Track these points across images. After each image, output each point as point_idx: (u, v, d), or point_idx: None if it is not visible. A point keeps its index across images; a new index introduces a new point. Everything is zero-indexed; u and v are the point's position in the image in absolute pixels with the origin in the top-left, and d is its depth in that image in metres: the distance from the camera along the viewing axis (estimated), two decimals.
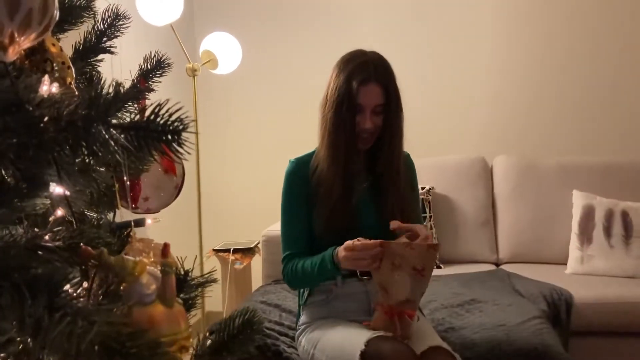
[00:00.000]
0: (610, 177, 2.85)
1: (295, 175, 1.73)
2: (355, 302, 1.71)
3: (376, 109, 1.63)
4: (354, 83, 1.60)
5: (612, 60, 3.20)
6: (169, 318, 0.58)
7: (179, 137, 0.47)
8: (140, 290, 0.57)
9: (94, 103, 0.48)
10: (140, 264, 0.58)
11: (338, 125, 1.64)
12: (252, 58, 3.27)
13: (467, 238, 2.93)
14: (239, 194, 3.50)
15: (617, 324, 2.27)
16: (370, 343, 1.45)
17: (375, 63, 1.64)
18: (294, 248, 1.72)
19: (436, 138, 3.29)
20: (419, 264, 1.47)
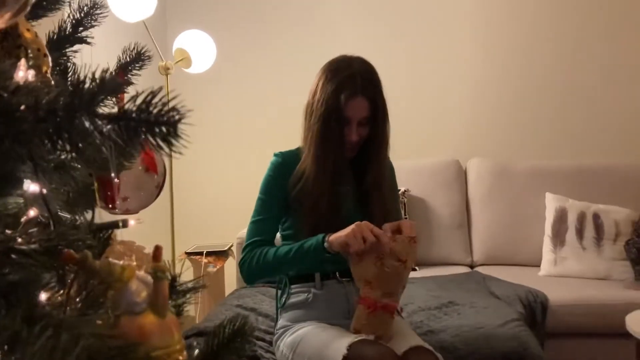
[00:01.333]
0: (582, 180, 2.89)
1: (280, 168, 1.72)
2: (334, 304, 1.67)
3: (362, 120, 1.63)
4: (342, 97, 1.59)
5: (586, 66, 3.24)
6: (162, 328, 0.52)
7: (175, 129, 0.43)
8: (129, 298, 0.51)
9: (77, 91, 0.43)
10: (129, 269, 0.52)
11: (326, 138, 1.63)
12: (227, 57, 3.21)
13: (441, 240, 2.94)
14: (211, 196, 3.44)
15: (591, 325, 2.29)
16: (353, 347, 1.43)
17: (362, 75, 1.63)
18: (263, 235, 1.68)
19: (412, 141, 3.28)
20: (403, 256, 1.50)
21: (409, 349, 1.47)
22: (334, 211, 1.64)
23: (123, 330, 0.50)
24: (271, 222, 1.71)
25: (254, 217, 1.71)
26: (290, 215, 1.73)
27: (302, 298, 1.70)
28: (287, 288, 1.73)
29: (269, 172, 1.73)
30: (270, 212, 1.70)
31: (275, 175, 1.72)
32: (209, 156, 3.46)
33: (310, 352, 1.55)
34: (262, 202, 1.71)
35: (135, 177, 0.77)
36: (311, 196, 1.65)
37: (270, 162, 1.75)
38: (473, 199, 3.03)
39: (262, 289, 2.35)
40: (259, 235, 1.68)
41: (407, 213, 2.88)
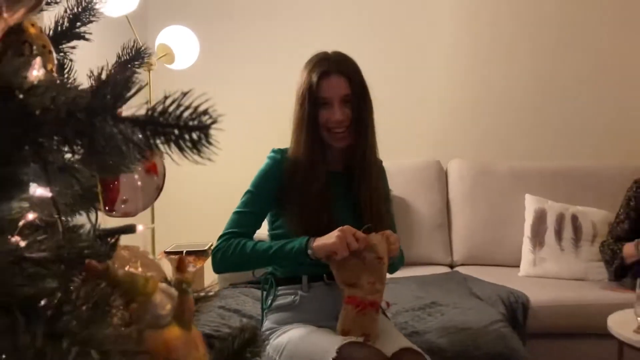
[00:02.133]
0: (561, 182, 2.93)
1: (277, 165, 1.69)
2: (322, 306, 1.66)
3: (345, 98, 1.62)
4: (313, 76, 1.60)
5: (565, 70, 3.29)
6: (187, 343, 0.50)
7: (207, 135, 0.41)
8: (153, 311, 0.49)
9: (99, 92, 0.41)
10: (152, 281, 0.50)
11: (302, 120, 1.63)
12: (210, 53, 3.16)
13: (422, 240, 2.95)
14: (192, 195, 3.39)
15: (570, 325, 2.32)
16: (342, 350, 1.42)
17: (335, 57, 1.65)
18: (244, 228, 1.65)
19: (393, 141, 3.26)
20: (380, 253, 1.54)
21: (399, 350, 1.48)
22: (322, 211, 1.63)
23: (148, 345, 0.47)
24: (254, 217, 1.68)
25: (238, 208, 1.68)
26: (282, 215, 1.70)
27: (288, 300, 1.69)
28: (273, 289, 1.71)
29: (264, 167, 1.71)
30: (256, 207, 1.68)
31: (270, 171, 1.70)
32: None
33: (298, 355, 1.53)
34: (250, 195, 1.69)
35: (135, 179, 0.75)
36: (299, 195, 1.64)
37: (267, 157, 1.73)
38: (454, 200, 3.05)
39: (244, 289, 2.32)
40: (239, 227, 1.65)
41: None
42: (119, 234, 0.62)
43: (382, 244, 1.55)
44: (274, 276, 1.72)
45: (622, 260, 2.38)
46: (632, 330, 1.74)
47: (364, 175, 1.68)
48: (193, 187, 3.38)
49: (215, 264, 1.65)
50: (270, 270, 1.75)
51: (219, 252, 1.61)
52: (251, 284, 2.35)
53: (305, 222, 1.63)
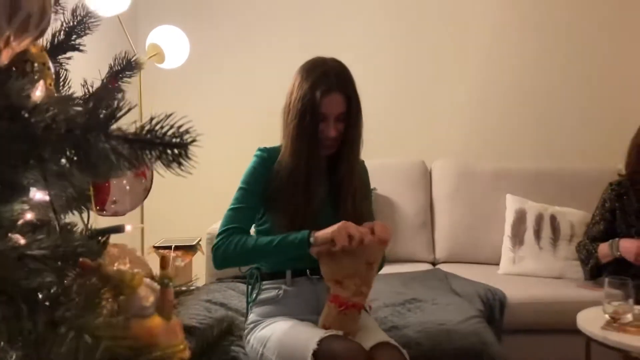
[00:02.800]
0: (541, 183, 3.01)
1: (264, 162, 1.76)
2: (304, 301, 1.73)
3: (339, 117, 1.68)
4: (317, 93, 1.64)
5: (547, 74, 3.37)
6: (168, 330, 0.57)
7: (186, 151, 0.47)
8: (138, 303, 0.56)
9: (94, 111, 0.47)
10: (138, 277, 0.57)
11: (302, 135, 1.67)
12: (200, 53, 3.21)
13: (406, 238, 3.01)
14: (182, 190, 3.44)
15: (546, 321, 2.40)
16: (323, 342, 1.49)
17: (336, 72, 1.69)
18: (240, 223, 1.71)
19: (379, 141, 3.34)
20: (371, 258, 1.59)
21: (376, 344, 1.54)
22: (306, 207, 1.69)
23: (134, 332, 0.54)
24: (249, 211, 1.74)
25: (232, 205, 1.74)
26: (267, 211, 1.77)
27: (273, 294, 1.75)
28: (258, 284, 1.77)
29: (253, 164, 1.77)
30: (250, 202, 1.74)
31: (259, 167, 1.76)
32: None
33: (281, 347, 1.60)
34: (243, 191, 1.75)
35: (125, 181, 0.81)
36: (286, 191, 1.69)
37: (254, 155, 1.79)
38: (437, 199, 3.12)
39: (230, 284, 2.38)
40: (236, 222, 1.70)
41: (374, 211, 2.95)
42: (109, 234, 0.68)
43: (374, 249, 1.60)
44: (259, 271, 1.79)
45: (597, 260, 2.45)
46: (599, 327, 1.82)
47: (351, 187, 1.75)
48: (182, 183, 3.43)
49: (217, 261, 1.69)
50: (256, 265, 1.81)
51: (220, 250, 1.67)
52: (237, 278, 2.41)
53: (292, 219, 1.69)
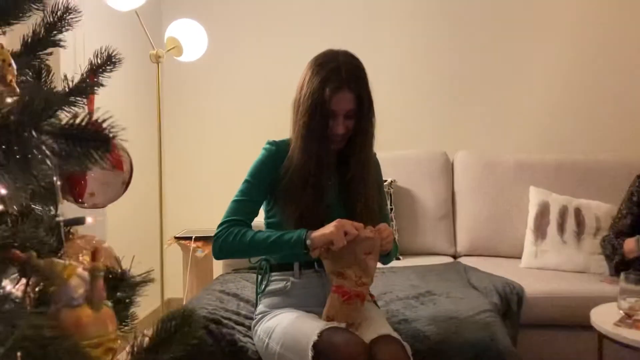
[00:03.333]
0: (565, 175, 2.94)
1: (272, 156, 1.76)
2: (311, 293, 1.74)
3: (348, 113, 1.67)
4: (327, 90, 1.63)
5: (569, 62, 3.28)
6: (97, 321, 0.59)
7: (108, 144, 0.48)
8: (68, 293, 0.58)
9: (26, 108, 0.48)
10: (69, 267, 0.58)
11: (312, 131, 1.67)
12: (219, 46, 3.24)
13: (426, 230, 2.99)
14: (202, 182, 3.50)
15: (566, 317, 2.34)
16: (324, 334, 1.50)
17: (347, 68, 1.66)
18: (242, 216, 1.72)
19: (399, 132, 3.33)
20: (368, 249, 1.60)
21: (377, 337, 1.54)
22: (317, 202, 1.70)
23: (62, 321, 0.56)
24: (252, 205, 1.75)
25: (236, 197, 1.76)
26: (276, 205, 1.78)
27: (280, 286, 1.77)
28: (267, 275, 1.79)
29: (260, 158, 1.78)
30: (254, 195, 1.75)
31: (266, 161, 1.76)
32: (200, 142, 3.51)
33: (284, 337, 1.61)
34: (248, 184, 1.76)
35: (102, 174, 0.83)
36: (296, 187, 1.70)
37: (263, 148, 1.80)
38: (459, 191, 3.09)
39: (245, 274, 2.41)
40: (238, 215, 1.72)
41: (394, 203, 2.93)
42: (70, 225, 0.70)
43: (373, 240, 1.61)
44: (268, 262, 1.81)
45: (622, 256, 2.38)
46: (612, 323, 1.77)
47: (362, 184, 1.74)
48: (203, 174, 3.49)
49: (215, 251, 1.72)
50: (265, 257, 1.83)
51: (219, 240, 1.69)
52: (253, 269, 2.43)
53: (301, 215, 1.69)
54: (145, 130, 3.07)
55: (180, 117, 3.47)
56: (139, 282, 0.74)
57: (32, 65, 0.83)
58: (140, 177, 3.08)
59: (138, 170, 3.17)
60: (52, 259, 0.60)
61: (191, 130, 3.50)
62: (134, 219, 2.99)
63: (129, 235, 2.90)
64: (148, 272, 0.74)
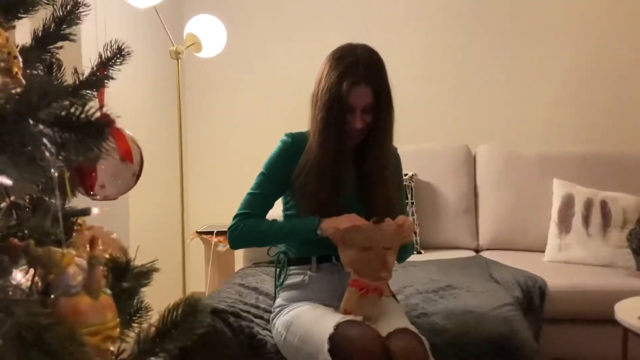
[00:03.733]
0: (590, 167, 2.88)
1: (288, 149, 1.76)
2: (329, 286, 1.74)
3: (366, 108, 1.66)
4: (344, 85, 1.61)
5: (593, 53, 3.21)
6: (95, 309, 0.59)
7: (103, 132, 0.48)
8: (66, 281, 0.58)
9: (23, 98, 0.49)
10: (68, 256, 0.59)
11: (329, 126, 1.66)
12: (238, 41, 3.25)
13: (448, 224, 2.96)
14: (223, 176, 3.52)
15: (590, 311, 2.31)
16: (339, 327, 1.49)
17: (365, 62, 1.64)
18: (255, 209, 1.74)
19: (421, 125, 3.31)
20: (388, 244, 1.59)
21: (394, 330, 1.53)
22: (334, 197, 1.69)
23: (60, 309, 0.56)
24: (265, 198, 1.76)
25: (251, 190, 1.77)
26: (293, 198, 1.78)
27: (298, 279, 1.77)
28: (285, 269, 1.80)
29: (276, 151, 1.78)
30: (267, 189, 1.76)
31: (281, 154, 1.77)
32: (221, 137, 3.54)
33: (302, 330, 1.62)
34: (262, 177, 1.77)
35: (112, 166, 0.83)
36: (313, 182, 1.69)
37: (279, 141, 1.79)
38: (481, 184, 3.05)
39: (265, 268, 2.42)
40: (251, 208, 1.74)
41: (415, 197, 2.91)
42: (76, 216, 0.71)
43: (392, 234, 1.59)
44: (286, 256, 1.81)
45: None
46: (637, 317, 1.73)
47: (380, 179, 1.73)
48: (224, 169, 3.51)
49: (230, 241, 1.76)
50: (284, 250, 1.83)
51: (235, 231, 1.72)
52: (272, 263, 2.44)
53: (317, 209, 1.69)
54: (167, 126, 3.10)
55: (200, 112, 3.49)
56: (143, 272, 0.74)
57: (43, 59, 0.84)
58: (162, 173, 3.13)
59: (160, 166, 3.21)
60: (50, 247, 0.61)
61: (212, 125, 3.53)
62: (156, 214, 3.02)
63: (152, 230, 2.94)
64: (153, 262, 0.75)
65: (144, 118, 2.97)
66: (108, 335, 0.60)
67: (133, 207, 2.45)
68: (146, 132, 2.95)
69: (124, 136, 0.85)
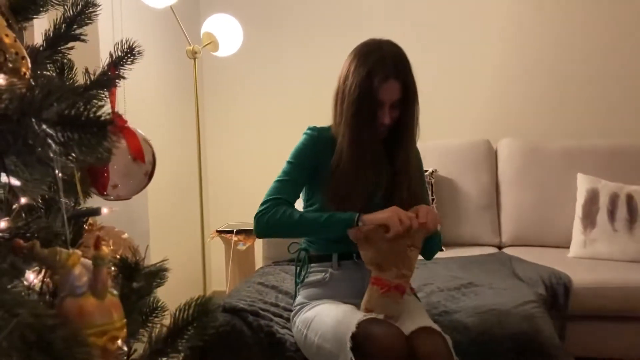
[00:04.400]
0: (615, 161, 2.82)
1: (314, 140, 1.75)
2: (350, 284, 1.73)
3: (394, 103, 1.65)
4: (375, 80, 1.60)
5: (618, 44, 3.14)
6: (100, 309, 0.59)
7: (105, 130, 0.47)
8: (72, 281, 0.58)
9: (26, 97, 0.48)
10: (74, 256, 0.59)
11: (361, 122, 1.64)
12: (254, 40, 3.25)
13: (470, 221, 2.92)
14: (243, 175, 3.52)
15: (616, 308, 2.26)
16: (362, 325, 1.48)
17: (393, 57, 1.63)
18: (285, 195, 1.69)
19: (441, 120, 3.27)
20: (412, 242, 1.57)
21: (417, 329, 1.50)
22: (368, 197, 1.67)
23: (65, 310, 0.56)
24: (295, 185, 1.73)
25: (279, 177, 1.73)
26: (317, 194, 1.75)
27: (319, 277, 1.76)
28: (306, 266, 1.79)
29: (302, 141, 1.76)
30: (297, 176, 1.73)
31: (309, 144, 1.75)
32: (239, 136, 3.54)
33: (323, 328, 1.60)
34: (291, 165, 1.74)
35: (124, 166, 0.83)
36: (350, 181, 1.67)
37: (304, 133, 1.78)
38: (503, 180, 3.01)
39: (285, 267, 2.41)
40: (282, 194, 1.69)
41: (435, 194, 2.88)
42: (85, 217, 0.71)
43: (418, 232, 1.57)
44: (307, 253, 1.80)
45: None
46: None
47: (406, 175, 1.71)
48: (243, 168, 3.52)
49: (259, 228, 1.67)
50: (304, 247, 1.82)
51: (264, 217, 1.65)
52: (292, 261, 2.43)
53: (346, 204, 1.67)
54: (185, 125, 3.12)
55: (218, 111, 3.50)
56: (154, 271, 0.74)
57: (54, 60, 0.84)
58: (181, 173, 3.14)
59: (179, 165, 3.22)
60: (56, 247, 0.60)
61: (230, 124, 3.53)
62: (176, 213, 3.04)
63: (172, 229, 2.96)
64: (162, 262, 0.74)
65: (161, 117, 2.99)
66: (114, 336, 0.59)
67: (152, 207, 2.47)
68: (164, 131, 2.96)
69: (136, 135, 0.85)
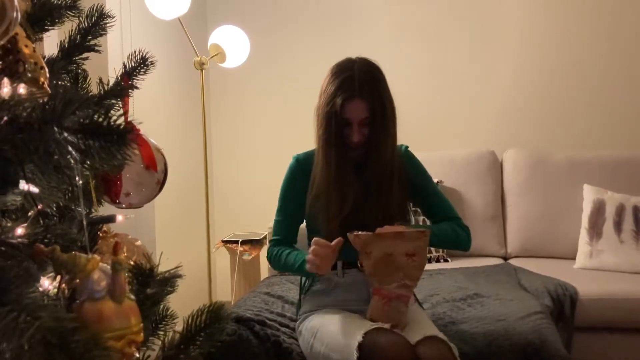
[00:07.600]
0: (621, 172, 2.82)
1: (296, 171, 1.82)
2: (355, 292, 1.74)
3: (364, 121, 1.67)
4: (338, 99, 1.64)
5: (625, 56, 3.15)
6: (119, 313, 0.60)
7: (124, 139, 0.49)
8: (90, 286, 0.59)
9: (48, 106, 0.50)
10: (93, 261, 0.60)
11: (329, 142, 1.69)
12: (261, 52, 3.28)
13: (475, 232, 2.86)
14: (249, 186, 3.54)
15: (622, 320, 2.24)
16: (368, 335, 1.48)
17: (361, 77, 1.65)
18: (281, 234, 1.83)
19: (446, 131, 3.28)
20: (410, 250, 1.57)
21: (423, 338, 1.51)
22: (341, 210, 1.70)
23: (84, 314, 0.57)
24: (288, 223, 1.84)
25: (275, 217, 1.86)
26: (311, 217, 1.79)
27: (324, 285, 1.78)
28: (311, 275, 1.80)
29: (286, 176, 1.84)
30: (288, 213, 1.83)
31: (291, 178, 1.82)
32: (245, 147, 3.56)
33: (329, 338, 1.61)
34: (281, 202, 1.84)
35: (136, 174, 0.84)
36: (322, 197, 1.71)
37: (288, 165, 1.84)
38: (509, 191, 3.01)
39: (291, 277, 2.41)
40: (279, 234, 1.84)
41: None
42: (100, 224, 0.72)
43: (415, 241, 1.57)
44: None
45: None
46: None
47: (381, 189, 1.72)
48: (249, 178, 3.53)
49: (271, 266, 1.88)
50: None
51: (270, 259, 1.84)
52: None
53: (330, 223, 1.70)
54: (192, 135, 3.14)
55: (225, 122, 3.52)
56: (167, 278, 0.75)
57: (69, 70, 0.86)
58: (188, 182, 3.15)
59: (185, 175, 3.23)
60: (76, 252, 0.62)
61: (236, 135, 3.55)
62: (182, 223, 3.05)
63: (178, 238, 2.96)
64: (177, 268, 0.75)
65: (169, 128, 3.01)
66: (132, 340, 0.60)
67: (159, 215, 2.48)
68: (172, 142, 2.98)
69: (148, 144, 0.86)
